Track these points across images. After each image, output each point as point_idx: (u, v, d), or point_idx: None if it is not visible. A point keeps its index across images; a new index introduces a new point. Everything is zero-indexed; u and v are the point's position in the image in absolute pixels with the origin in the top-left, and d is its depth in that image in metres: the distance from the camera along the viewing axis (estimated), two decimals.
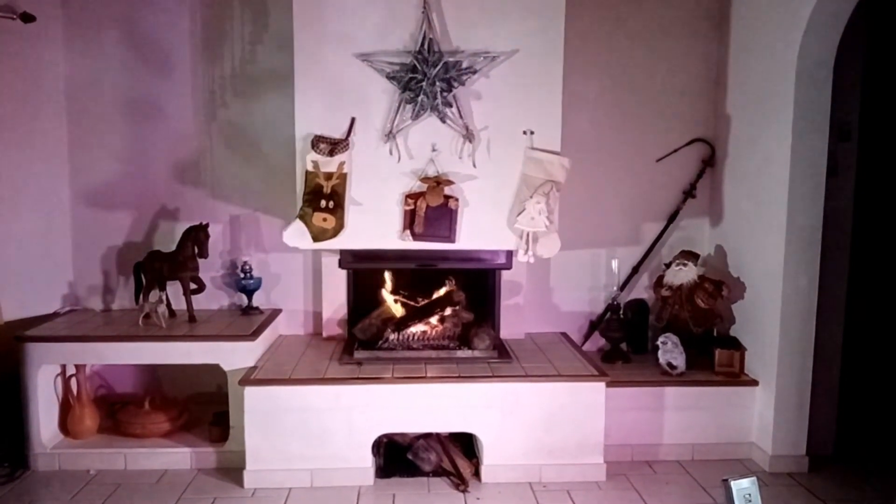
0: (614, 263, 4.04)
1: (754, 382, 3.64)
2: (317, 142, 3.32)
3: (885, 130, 4.12)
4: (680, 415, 3.63)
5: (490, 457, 3.37)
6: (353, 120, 3.37)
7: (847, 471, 3.51)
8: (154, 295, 3.71)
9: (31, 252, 3.76)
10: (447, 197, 3.38)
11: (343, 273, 3.91)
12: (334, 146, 3.33)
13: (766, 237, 3.56)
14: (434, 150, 3.40)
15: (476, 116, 3.40)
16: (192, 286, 3.79)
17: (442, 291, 3.83)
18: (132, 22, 3.91)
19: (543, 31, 3.38)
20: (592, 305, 4.20)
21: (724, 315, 3.88)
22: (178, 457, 3.50)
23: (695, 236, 4.17)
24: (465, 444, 3.55)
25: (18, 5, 3.53)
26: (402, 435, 3.50)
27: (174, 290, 3.81)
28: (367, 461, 3.34)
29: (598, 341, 4.14)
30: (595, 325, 4.16)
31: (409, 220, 3.40)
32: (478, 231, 3.45)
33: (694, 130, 4.10)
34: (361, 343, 3.63)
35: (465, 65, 3.35)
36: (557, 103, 3.41)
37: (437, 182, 3.37)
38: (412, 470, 3.41)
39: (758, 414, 3.63)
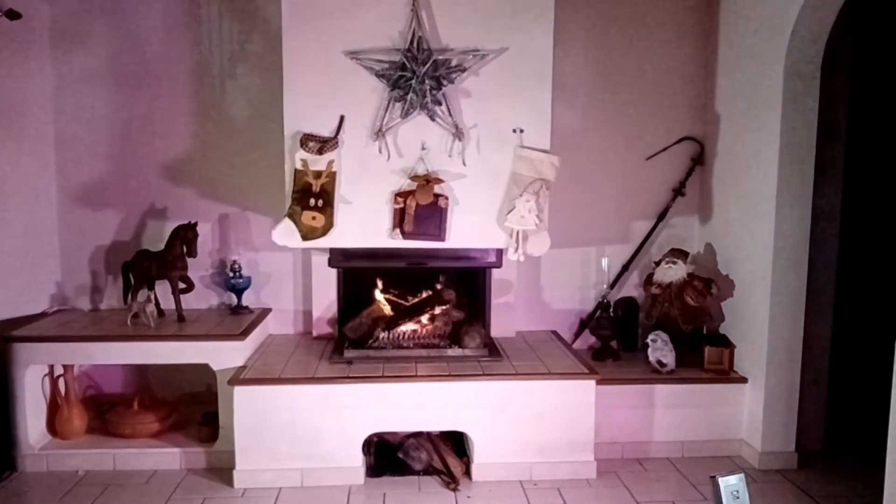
0: (604, 261, 4.05)
1: (743, 380, 3.66)
2: (306, 140, 3.31)
3: (873, 129, 4.15)
4: (670, 412, 3.64)
5: (481, 455, 3.37)
6: (342, 118, 3.36)
7: (836, 467, 3.54)
8: (142, 294, 3.69)
9: (18, 251, 3.72)
10: (437, 195, 3.38)
11: (333, 272, 3.90)
12: (323, 144, 3.32)
13: (755, 235, 3.57)
14: (424, 148, 3.40)
15: (465, 115, 3.40)
16: (181, 285, 3.78)
17: (432, 291, 3.83)
18: (119, 19, 3.88)
19: (533, 30, 3.38)
20: (583, 303, 4.21)
21: (713, 313, 3.90)
22: (167, 457, 3.48)
23: (684, 234, 4.19)
24: (456, 443, 3.55)
25: (4, 3, 3.49)
26: (393, 434, 3.49)
27: (163, 289, 3.80)
28: (358, 460, 3.34)
29: (588, 339, 4.15)
30: (585, 323, 4.17)
31: (399, 219, 3.39)
32: (468, 229, 3.45)
33: (683, 129, 4.12)
34: (352, 342, 3.62)
35: (454, 63, 3.34)
36: (547, 101, 3.41)
37: (427, 180, 3.36)
38: (403, 469, 3.41)
39: (747, 411, 3.64)
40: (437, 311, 3.73)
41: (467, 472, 3.41)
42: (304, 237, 3.38)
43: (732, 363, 3.75)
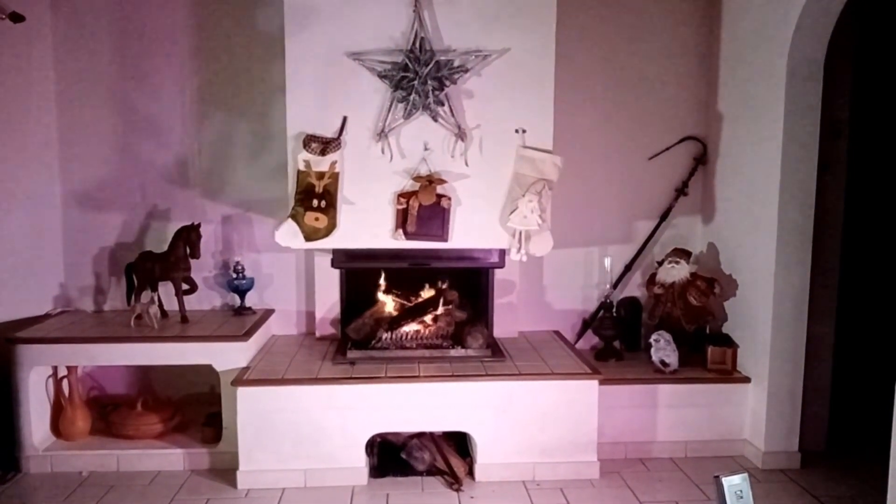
0: (607, 261, 4.04)
1: (746, 379, 3.65)
2: (308, 141, 3.31)
3: (877, 127, 4.14)
4: (673, 412, 3.64)
5: (484, 455, 3.37)
6: (344, 119, 3.36)
7: (839, 467, 3.53)
8: (146, 296, 3.70)
9: (22, 253, 3.73)
10: (439, 196, 3.38)
11: (336, 272, 3.90)
12: (326, 145, 3.32)
13: (758, 234, 3.57)
14: (426, 148, 3.40)
15: (468, 115, 3.40)
16: (184, 287, 3.78)
17: (434, 291, 3.84)
18: (122, 21, 3.89)
19: (535, 30, 3.38)
20: (585, 303, 4.20)
21: (716, 312, 3.89)
22: (171, 458, 3.49)
23: (687, 234, 4.18)
24: (459, 443, 3.55)
25: (7, 5, 3.50)
26: (396, 434, 3.49)
27: (166, 290, 3.80)
28: (361, 461, 3.34)
29: (591, 339, 4.15)
30: (588, 324, 4.16)
31: (402, 219, 3.39)
32: (470, 230, 3.45)
33: (686, 128, 4.12)
34: (354, 343, 3.63)
35: (456, 63, 3.34)
36: (549, 102, 3.41)
37: (430, 181, 3.36)
38: (406, 469, 3.41)
39: (750, 411, 3.64)
40: (440, 311, 3.74)
41: (470, 473, 3.41)
42: (307, 238, 3.38)
43: (735, 363, 3.74)
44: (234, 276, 3.93)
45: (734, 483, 1.80)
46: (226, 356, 3.46)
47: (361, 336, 3.66)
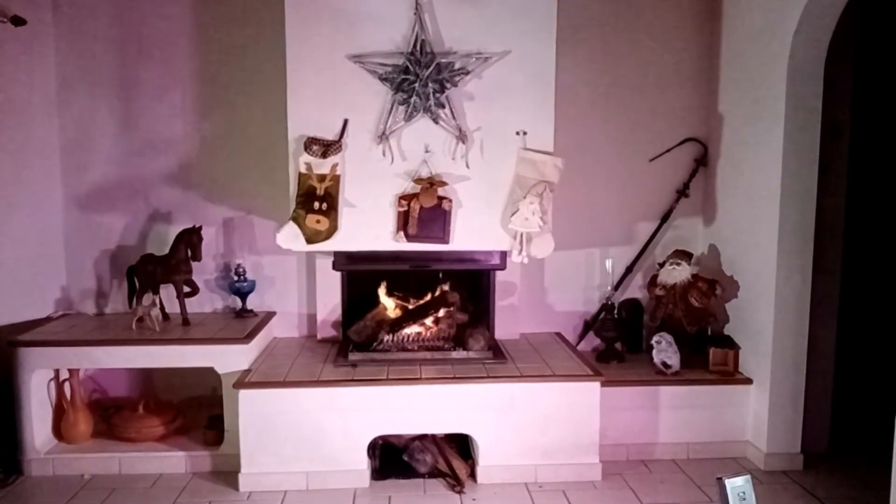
0: (608, 263, 4.05)
1: (748, 381, 3.65)
2: (310, 143, 3.32)
3: (877, 128, 4.14)
4: (675, 414, 3.64)
5: (486, 457, 3.37)
6: (345, 121, 3.37)
7: (841, 468, 3.53)
8: (147, 298, 3.71)
9: (24, 256, 3.74)
10: (441, 198, 3.38)
11: (337, 275, 3.90)
12: (327, 148, 3.33)
13: (760, 236, 3.57)
14: (427, 151, 3.40)
15: (469, 117, 3.40)
16: (186, 289, 3.78)
17: (436, 293, 3.84)
18: (123, 25, 3.89)
19: (536, 32, 3.38)
20: (587, 305, 4.20)
21: (717, 314, 3.89)
22: (172, 461, 3.49)
23: (688, 235, 4.18)
24: (461, 445, 3.55)
25: (9, 8, 3.51)
26: (398, 437, 3.49)
27: (168, 293, 3.80)
28: (363, 463, 3.34)
29: (592, 341, 4.15)
30: (590, 325, 4.16)
31: (403, 222, 3.39)
32: (472, 232, 3.45)
33: (686, 130, 4.12)
34: (356, 345, 3.63)
35: (457, 66, 3.35)
36: (550, 103, 3.41)
37: (431, 183, 3.36)
38: (408, 472, 3.41)
39: (752, 412, 3.64)
40: (442, 313, 3.74)
41: (472, 475, 3.41)
42: (309, 240, 3.38)
43: (737, 364, 3.74)
44: (236, 278, 3.93)
45: (737, 485, 1.79)
46: (227, 358, 3.46)
47: (363, 338, 3.66)
